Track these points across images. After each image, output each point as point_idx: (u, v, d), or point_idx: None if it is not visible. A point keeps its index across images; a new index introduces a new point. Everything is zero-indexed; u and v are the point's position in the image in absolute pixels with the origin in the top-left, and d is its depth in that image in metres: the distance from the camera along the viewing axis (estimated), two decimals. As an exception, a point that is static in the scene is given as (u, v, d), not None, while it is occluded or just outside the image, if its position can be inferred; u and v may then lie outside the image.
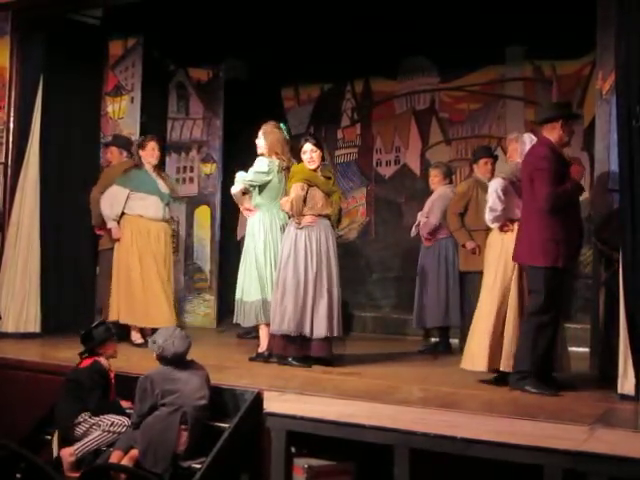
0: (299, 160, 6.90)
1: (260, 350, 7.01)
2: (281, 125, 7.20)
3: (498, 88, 9.25)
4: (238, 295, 7.06)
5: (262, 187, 7.03)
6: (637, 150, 5.35)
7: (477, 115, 9.33)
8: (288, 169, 6.98)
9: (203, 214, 10.01)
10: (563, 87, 8.82)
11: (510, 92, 9.18)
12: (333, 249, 6.79)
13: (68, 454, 5.58)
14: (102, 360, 5.82)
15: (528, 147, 5.95)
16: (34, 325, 8.18)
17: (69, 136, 8.57)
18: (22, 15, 8.14)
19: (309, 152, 6.81)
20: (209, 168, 10.05)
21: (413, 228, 8.36)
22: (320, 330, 6.62)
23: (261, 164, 7.01)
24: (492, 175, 7.50)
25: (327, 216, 6.83)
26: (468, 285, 7.61)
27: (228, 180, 9.30)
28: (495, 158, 7.89)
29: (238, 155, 8.92)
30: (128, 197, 7.87)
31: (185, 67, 9.88)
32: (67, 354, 6.43)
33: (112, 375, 5.85)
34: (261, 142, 7.08)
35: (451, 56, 9.01)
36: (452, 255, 7.95)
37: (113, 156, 8.45)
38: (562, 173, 5.72)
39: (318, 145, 6.90)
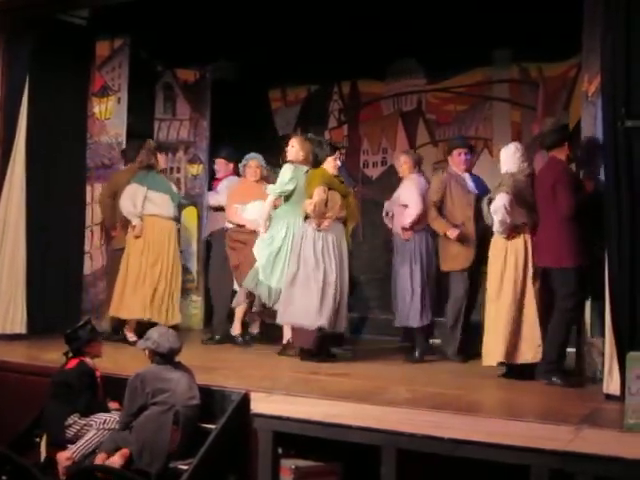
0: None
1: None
2: (310, 135, 7.98)
3: (485, 90, 9.27)
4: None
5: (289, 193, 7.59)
6: (622, 152, 5.39)
7: (464, 117, 9.34)
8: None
9: (190, 215, 9.98)
10: (549, 89, 8.85)
11: (497, 94, 9.21)
12: (345, 252, 7.20)
13: (65, 458, 5.55)
14: (87, 360, 5.82)
15: (519, 155, 6.67)
16: (20, 326, 8.14)
17: (56, 136, 8.55)
18: (8, 15, 8.10)
19: (332, 160, 7.37)
20: (196, 169, 10.03)
21: (386, 220, 8.10)
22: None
23: (286, 173, 7.53)
24: (467, 167, 7.48)
25: (342, 219, 7.27)
26: (449, 285, 7.42)
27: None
28: (470, 148, 7.69)
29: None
30: (145, 196, 8.06)
31: (172, 68, 9.86)
32: (54, 355, 6.40)
33: (98, 375, 5.84)
34: (294, 152, 7.64)
35: (438, 58, 9.03)
36: (431, 249, 7.56)
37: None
38: (576, 185, 6.42)
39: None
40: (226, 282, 8.26)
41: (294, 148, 7.64)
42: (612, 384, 5.46)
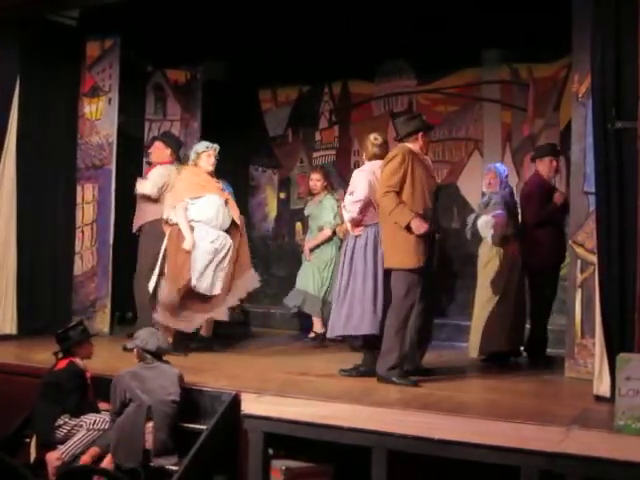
0: None
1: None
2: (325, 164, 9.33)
3: (475, 91, 9.28)
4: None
5: None
6: (612, 153, 5.40)
7: (454, 117, 9.36)
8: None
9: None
10: (539, 90, 8.87)
11: (487, 95, 9.22)
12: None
13: (54, 458, 5.56)
14: (78, 361, 5.82)
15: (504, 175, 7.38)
16: (10, 326, 8.12)
17: (46, 137, 8.52)
18: (-2, 15, 8.08)
19: None
20: (187, 169, 10.02)
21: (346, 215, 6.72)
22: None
23: (333, 205, 8.39)
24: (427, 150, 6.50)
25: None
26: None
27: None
28: (431, 128, 6.65)
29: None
30: None
31: (163, 68, 9.84)
32: (44, 356, 6.39)
33: (88, 375, 5.84)
34: (320, 184, 8.56)
35: (428, 59, 9.05)
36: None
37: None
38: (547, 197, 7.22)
39: None
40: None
41: (320, 182, 8.52)
42: (602, 385, 5.47)
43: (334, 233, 8.37)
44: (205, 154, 7.58)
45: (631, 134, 5.36)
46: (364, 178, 6.51)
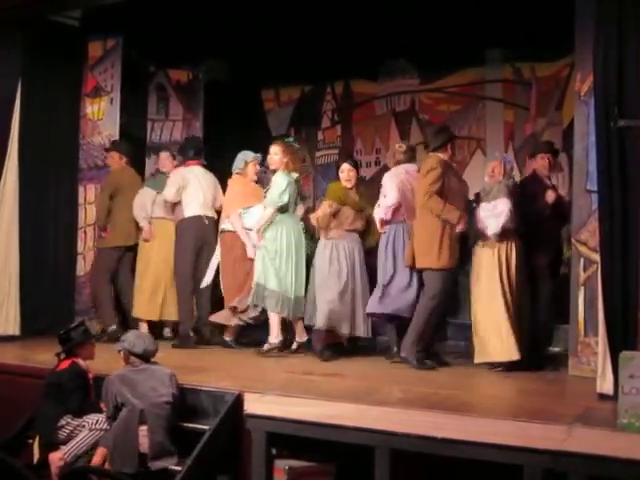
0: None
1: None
2: (291, 139, 7.99)
3: (478, 90, 9.28)
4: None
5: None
6: (615, 151, 5.39)
7: (457, 117, 9.35)
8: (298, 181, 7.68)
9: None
10: (542, 89, 8.86)
11: (489, 94, 9.22)
12: (359, 260, 7.36)
13: (57, 459, 5.55)
14: (80, 361, 5.81)
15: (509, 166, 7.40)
16: (13, 327, 8.13)
17: (48, 137, 8.54)
18: (0, 16, 8.08)
19: (346, 171, 7.47)
20: (189, 169, 10.01)
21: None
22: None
23: (282, 182, 7.41)
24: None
25: (356, 230, 7.42)
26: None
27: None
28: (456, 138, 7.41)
29: (218, 156, 8.91)
30: (154, 200, 8.32)
31: (165, 68, 9.85)
32: (47, 356, 6.38)
33: (91, 376, 5.84)
34: (277, 158, 7.52)
35: (431, 58, 9.04)
36: (402, 244, 7.17)
37: (113, 161, 8.60)
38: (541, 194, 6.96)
39: (355, 166, 7.62)
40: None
41: (278, 156, 7.52)
42: (605, 383, 5.46)
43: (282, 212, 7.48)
44: (252, 163, 7.94)
45: (634, 132, 5.35)
46: (393, 183, 7.21)
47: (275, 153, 7.54)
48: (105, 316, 8.36)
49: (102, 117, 8.94)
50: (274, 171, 7.59)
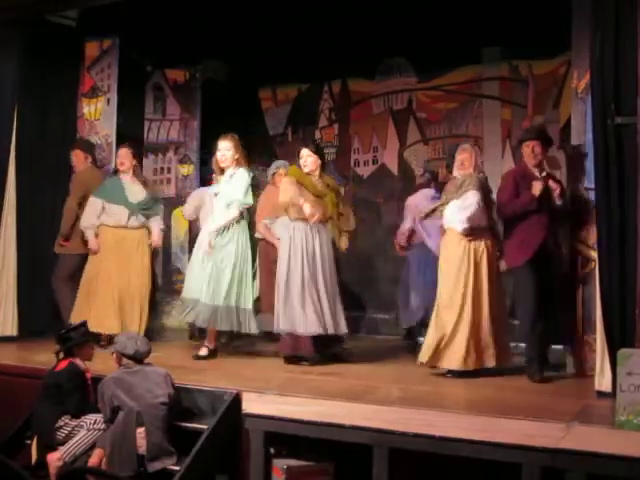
0: None
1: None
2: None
3: (475, 88, 9.27)
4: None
5: None
6: (612, 149, 5.39)
7: (454, 115, 9.35)
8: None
9: (181, 215, 9.97)
10: (539, 86, 8.86)
11: (487, 92, 9.21)
12: (329, 256, 6.95)
13: (55, 459, 5.53)
14: (78, 361, 5.80)
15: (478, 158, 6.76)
16: (11, 328, 8.12)
17: (45, 137, 8.51)
18: (-4, 16, 8.08)
19: (305, 157, 7.05)
20: (186, 169, 10.04)
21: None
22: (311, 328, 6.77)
23: (246, 179, 6.98)
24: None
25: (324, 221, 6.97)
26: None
27: (205, 181, 9.29)
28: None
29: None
30: (103, 207, 7.85)
31: (162, 68, 9.85)
32: (44, 357, 6.38)
33: (89, 376, 5.83)
34: (230, 155, 7.02)
35: (428, 56, 9.03)
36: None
37: (78, 160, 8.34)
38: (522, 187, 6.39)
39: (316, 152, 7.10)
40: None
41: (230, 152, 7.01)
42: (604, 381, 5.47)
43: (242, 216, 7.08)
44: (278, 172, 7.89)
45: (631, 129, 5.35)
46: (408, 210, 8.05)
47: (227, 149, 7.03)
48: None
49: (99, 117, 8.94)
50: (222, 170, 7.08)
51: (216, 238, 6.95)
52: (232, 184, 6.96)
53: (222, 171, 7.11)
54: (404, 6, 8.03)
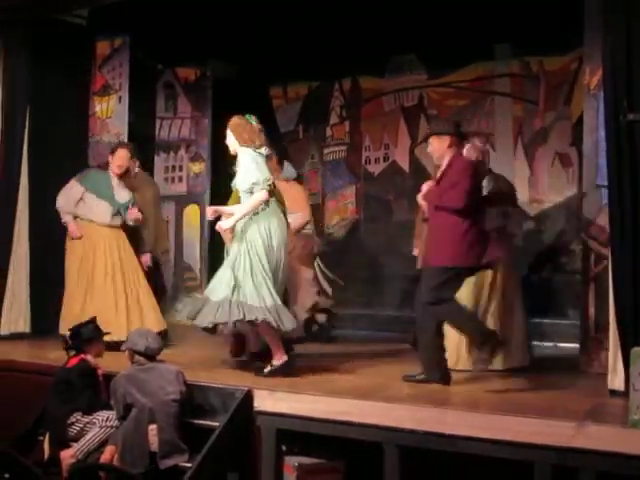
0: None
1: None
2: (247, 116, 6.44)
3: (486, 84, 9.26)
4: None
5: None
6: (625, 145, 5.37)
7: (465, 111, 9.33)
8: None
9: (192, 213, 10.02)
10: (551, 83, 8.83)
11: (498, 88, 9.19)
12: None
13: (69, 456, 5.55)
14: (89, 358, 5.82)
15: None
16: (24, 325, 8.15)
17: (57, 136, 8.52)
18: (7, 16, 8.09)
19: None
20: (198, 167, 10.06)
21: None
22: None
23: (248, 157, 6.17)
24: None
25: None
26: None
27: (217, 179, 9.31)
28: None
29: (227, 154, 8.89)
30: (82, 198, 7.56)
31: (173, 66, 9.88)
32: (57, 354, 6.41)
33: (100, 373, 5.84)
34: (232, 140, 6.32)
35: (439, 53, 9.03)
36: None
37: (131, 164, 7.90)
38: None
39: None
40: None
41: (230, 139, 6.33)
42: (616, 380, 5.45)
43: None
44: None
45: (643, 126, 5.32)
46: None
47: (228, 137, 6.33)
48: None
49: (111, 115, 8.97)
50: (235, 157, 6.28)
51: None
52: (239, 171, 6.22)
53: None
54: (414, 3, 8.01)
